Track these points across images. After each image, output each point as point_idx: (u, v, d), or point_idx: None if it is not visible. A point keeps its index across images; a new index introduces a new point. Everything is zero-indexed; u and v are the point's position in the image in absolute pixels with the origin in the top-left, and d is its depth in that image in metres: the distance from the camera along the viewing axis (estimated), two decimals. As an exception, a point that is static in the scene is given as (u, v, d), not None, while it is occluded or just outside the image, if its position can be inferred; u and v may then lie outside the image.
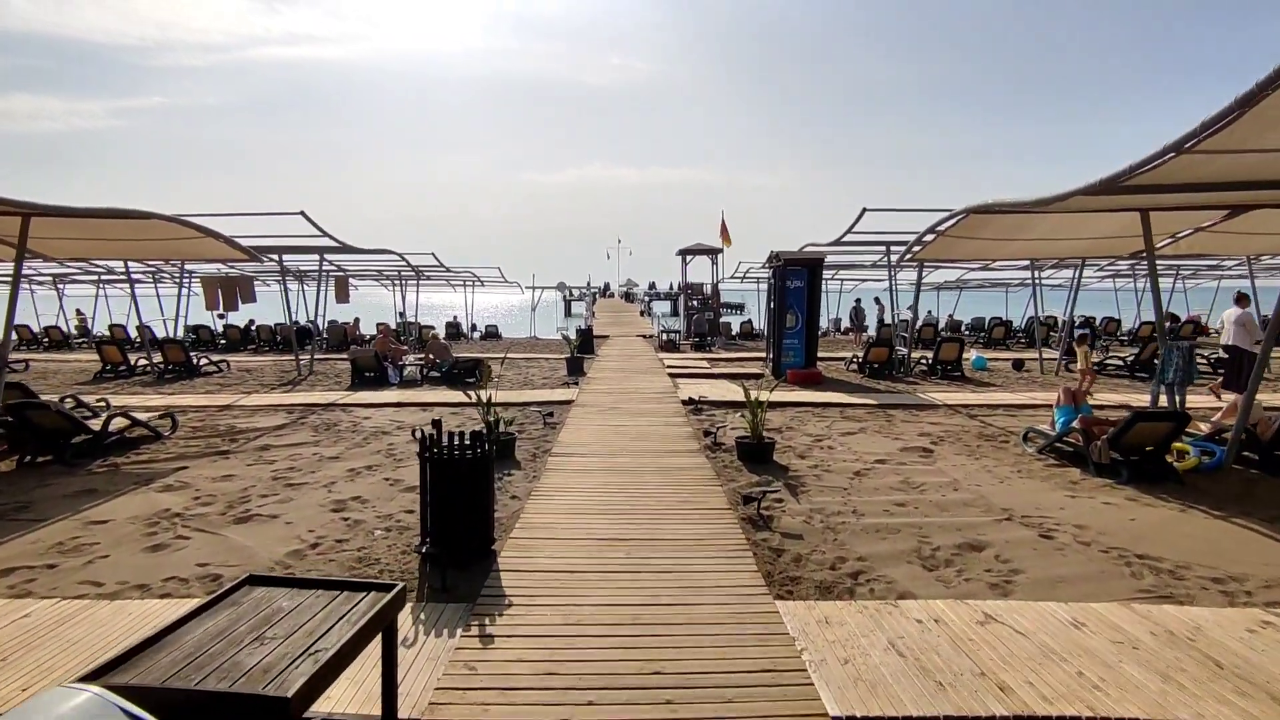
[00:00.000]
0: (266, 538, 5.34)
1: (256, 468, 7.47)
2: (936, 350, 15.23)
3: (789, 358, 14.82)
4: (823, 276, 15.16)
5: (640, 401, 11.33)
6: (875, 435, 9.20)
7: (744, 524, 5.57)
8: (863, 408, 11.19)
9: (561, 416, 10.08)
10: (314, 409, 11.12)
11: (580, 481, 6.64)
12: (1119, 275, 28.44)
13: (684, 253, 28.40)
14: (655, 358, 18.77)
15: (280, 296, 29.04)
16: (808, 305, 14.73)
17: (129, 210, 7.92)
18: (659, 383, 13.60)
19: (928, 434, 9.24)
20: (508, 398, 11.81)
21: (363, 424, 9.90)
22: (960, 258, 11.45)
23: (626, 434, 8.82)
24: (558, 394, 12.13)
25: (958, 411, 10.85)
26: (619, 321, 36.33)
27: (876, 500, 6.35)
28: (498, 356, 19.48)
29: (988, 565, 4.87)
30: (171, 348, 15.70)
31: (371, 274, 27.08)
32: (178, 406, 11.27)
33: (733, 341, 26.56)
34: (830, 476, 7.14)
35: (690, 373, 15.25)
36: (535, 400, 11.49)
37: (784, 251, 14.89)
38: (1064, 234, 9.26)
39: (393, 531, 5.47)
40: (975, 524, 5.69)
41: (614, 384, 13.44)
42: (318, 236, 13.77)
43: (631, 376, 14.61)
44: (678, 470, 7.06)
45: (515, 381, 14.42)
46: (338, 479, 7.01)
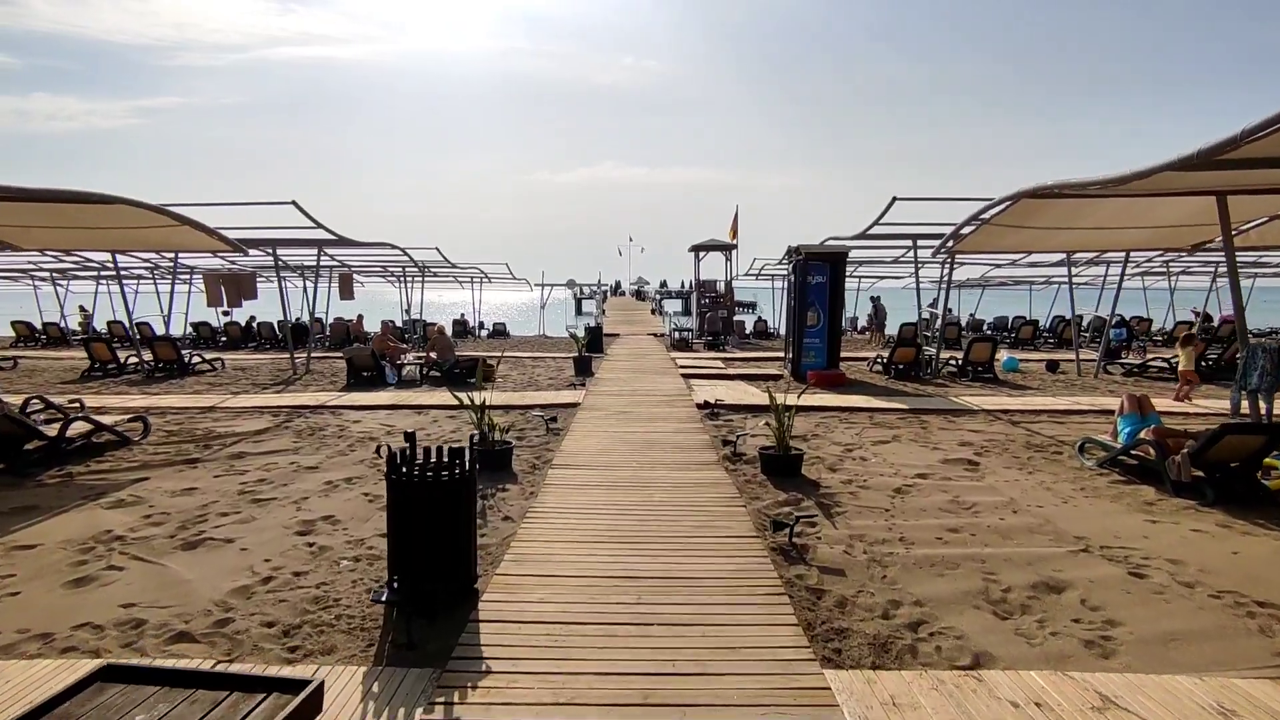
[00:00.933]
0: (214, 569, 4.55)
1: (224, 479, 6.70)
2: (967, 351, 14.29)
3: (810, 358, 13.94)
4: (845, 272, 14.24)
5: (651, 405, 10.49)
6: (911, 445, 8.32)
7: (774, 555, 4.73)
8: (894, 413, 10.30)
9: (566, 421, 9.27)
10: (302, 411, 10.36)
11: (583, 500, 5.81)
12: (1149, 273, 27.28)
13: (697, 249, 27.55)
14: (667, 357, 17.93)
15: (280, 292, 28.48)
16: (830, 302, 13.84)
17: (91, 194, 7.17)
18: (671, 384, 12.76)
19: (969, 443, 8.35)
20: (509, 399, 11.01)
21: (350, 429, 9.13)
22: (1003, 250, 10.55)
23: (636, 442, 7.99)
24: (563, 396, 11.31)
25: (997, 418, 9.95)
26: (630, 320, 35.51)
27: (925, 524, 5.49)
28: (502, 356, 18.72)
29: (1074, 613, 4.00)
30: (162, 345, 15.02)
31: (377, 270, 26.40)
32: (158, 408, 10.55)
33: (747, 340, 25.69)
34: (868, 494, 6.28)
35: (704, 373, 14.40)
36: (539, 403, 10.67)
37: (805, 245, 14.01)
38: (1123, 222, 8.34)
39: (362, 561, 4.67)
40: (1047, 556, 4.82)
41: (624, 385, 12.61)
42: (312, 228, 13.03)
43: (642, 377, 13.77)
44: (694, 486, 6.23)
45: (519, 382, 13.63)
46: (311, 494, 6.22)
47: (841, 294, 13.96)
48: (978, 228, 8.82)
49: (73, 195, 7.09)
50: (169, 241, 10.58)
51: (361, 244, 15.48)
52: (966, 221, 8.66)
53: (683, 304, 64.24)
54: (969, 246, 10.15)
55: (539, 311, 34.23)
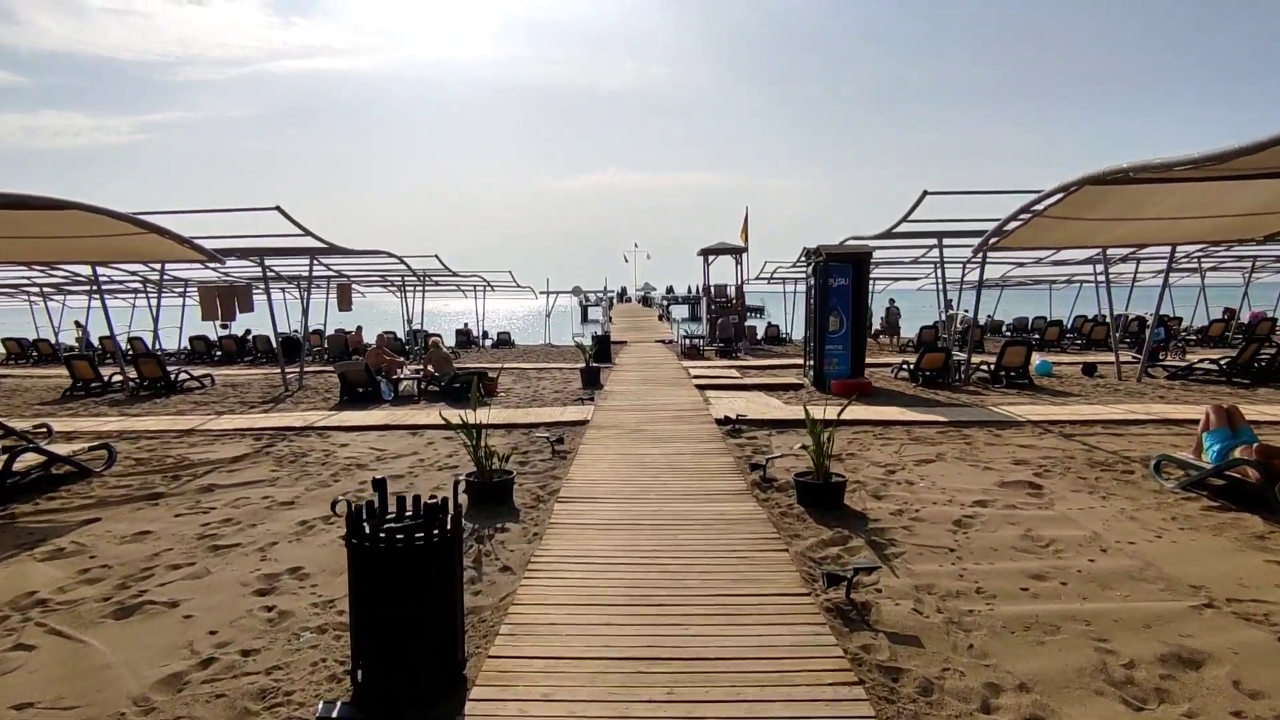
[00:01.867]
0: (145, 646, 3.71)
1: (185, 520, 5.87)
2: (1000, 356, 13.38)
3: (833, 366, 13.07)
4: (869, 273, 13.35)
5: (666, 421, 9.64)
6: (959, 464, 7.44)
7: (831, 618, 3.86)
8: (931, 426, 9.41)
9: (574, 442, 8.42)
10: (286, 434, 9.55)
11: (595, 544, 4.96)
12: (1175, 269, 26.10)
13: (706, 252, 26.73)
14: (678, 366, 17.07)
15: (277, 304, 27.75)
16: (853, 306, 12.98)
17: (37, 198, 6.37)
18: (686, 396, 11.90)
19: (1024, 462, 7.46)
20: (511, 417, 10.17)
21: (337, 454, 8.30)
22: (1050, 245, 9.69)
23: (653, 467, 7.13)
24: (570, 412, 10.46)
25: (1047, 430, 9.04)
26: (637, 326, 34.70)
27: (1001, 570, 4.61)
28: (506, 367, 17.90)
29: (1232, 702, 3.12)
30: (147, 362, 14.25)
31: (376, 280, 25.64)
32: (133, 432, 9.76)
33: (759, 346, 24.81)
34: (925, 529, 5.41)
35: (720, 384, 13.54)
36: (543, 421, 9.82)
37: (825, 245, 13.15)
38: (1192, 211, 7.47)
39: (328, 633, 3.82)
40: (1165, 614, 3.94)
41: (635, 399, 11.76)
42: (300, 236, 12.27)
43: (654, 389, 12.92)
44: (724, 524, 5.36)
45: (524, 397, 12.80)
46: (281, 538, 5.38)
47: (865, 297, 13.11)
48: (1027, 221, 7.96)
49: (24, 201, 6.30)
50: (138, 251, 9.80)
51: (356, 252, 14.73)
52: (1015, 214, 7.80)
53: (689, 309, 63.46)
54: (1014, 242, 9.28)
55: (544, 320, 33.46)
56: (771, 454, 7.47)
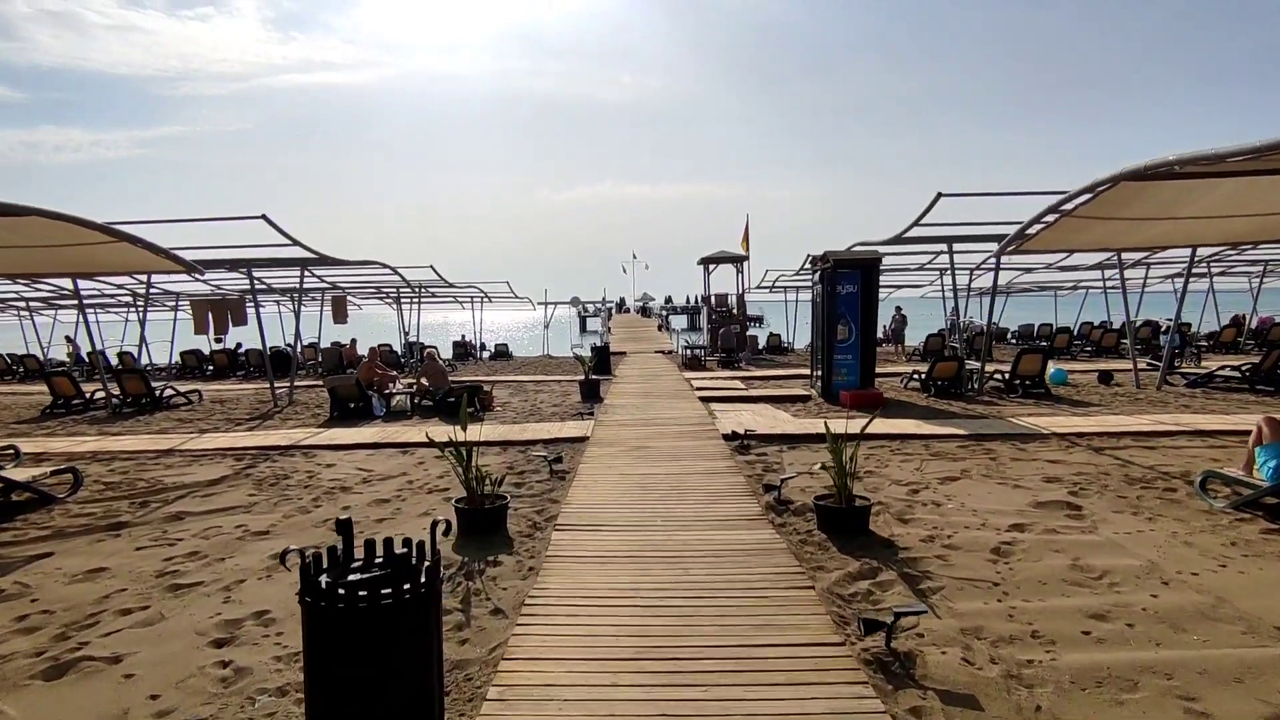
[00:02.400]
0: (71, 714, 3.19)
1: (147, 553, 5.35)
2: (1015, 364, 12.89)
3: (842, 376, 12.57)
4: (879, 280, 12.89)
5: (670, 437, 9.12)
6: (986, 482, 6.93)
7: (871, 672, 3.34)
8: (952, 439, 8.89)
9: (573, 460, 7.91)
10: (270, 454, 9.02)
11: (597, 581, 4.44)
12: (1180, 275, 25.61)
13: (706, 261, 26.28)
14: (680, 377, 16.57)
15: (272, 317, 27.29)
16: (863, 314, 12.50)
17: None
18: (689, 409, 11.39)
19: (1056, 479, 6.95)
20: (507, 434, 9.65)
21: (321, 475, 7.78)
22: (1076, 247, 9.21)
23: (658, 488, 6.62)
24: (569, 428, 9.94)
25: (1074, 444, 8.54)
26: (636, 337, 34.23)
27: (1055, 607, 4.09)
28: (502, 380, 17.39)
29: (1363, 783, 2.61)
30: (130, 378, 13.74)
31: (372, 292, 25.15)
32: (108, 453, 9.23)
33: (760, 356, 24.27)
34: (961, 558, 4.89)
35: (724, 396, 13.04)
36: (541, 438, 9.31)
37: (832, 251, 12.69)
38: (1234, 209, 7.00)
39: (289, 697, 3.30)
40: (1256, 664, 3.42)
41: (636, 413, 11.25)
42: (288, 245, 11.79)
43: (656, 402, 12.41)
44: (741, 554, 4.84)
45: (521, 411, 12.29)
46: (250, 574, 4.86)
47: (875, 304, 12.63)
48: (1054, 222, 7.49)
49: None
50: (113, 262, 9.32)
51: (347, 262, 14.25)
52: (1042, 215, 7.33)
53: (688, 319, 62.95)
54: (1037, 245, 8.80)
55: (543, 331, 32.98)
56: (785, 473, 6.95)
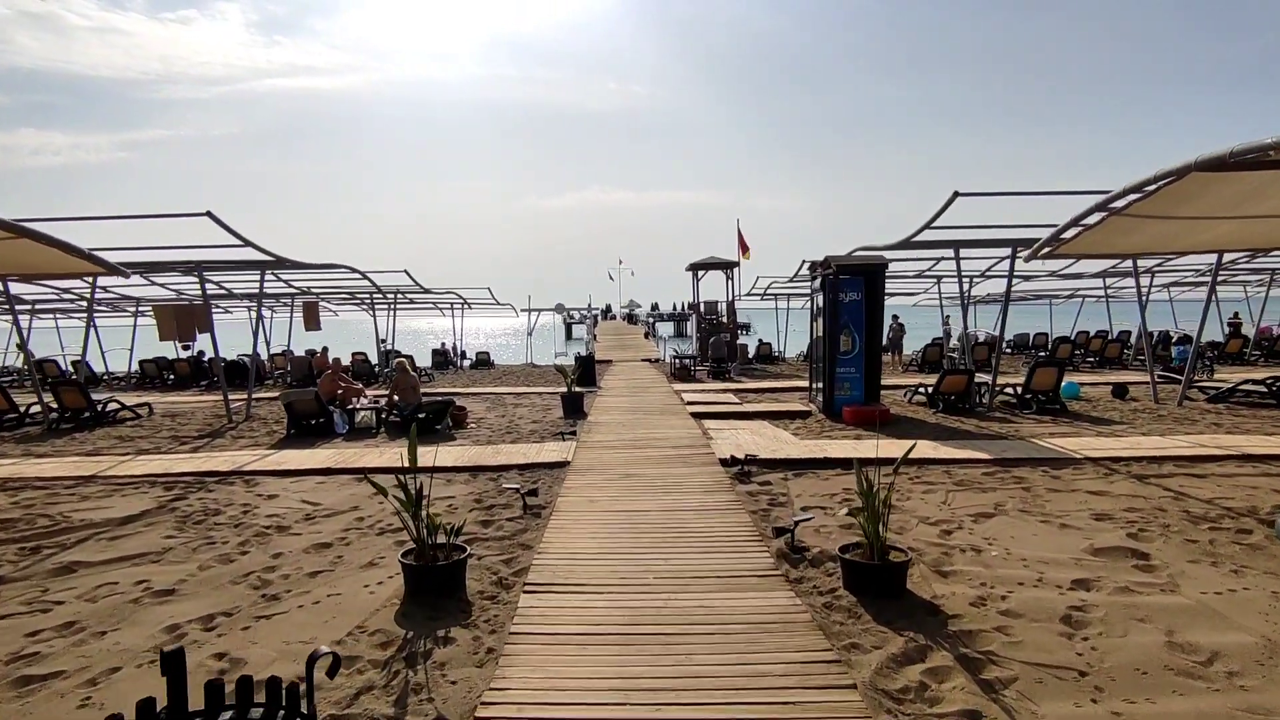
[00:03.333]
0: None
1: (8, 625, 4.28)
2: (1029, 377, 12.05)
3: (844, 391, 11.66)
4: (885, 287, 12.01)
5: (662, 462, 8.14)
6: (1026, 520, 6.01)
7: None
8: (974, 465, 7.98)
9: (550, 493, 6.91)
10: (206, 480, 7.94)
11: (575, 672, 3.44)
12: (1180, 283, 24.98)
13: (695, 267, 25.30)
14: (669, 389, 15.61)
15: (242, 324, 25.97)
16: (867, 324, 11.61)
17: None
18: (681, 428, 10.42)
19: (1106, 515, 6.04)
20: (478, 457, 8.61)
21: (258, 510, 6.72)
22: (1117, 252, 8.39)
23: (648, 529, 5.64)
24: (548, 450, 8.92)
25: (1112, 470, 7.65)
26: (623, 345, 33.31)
27: (1171, 712, 3.15)
28: (479, 393, 16.32)
29: None
30: (68, 391, 12.56)
31: (345, 297, 23.97)
32: (19, 480, 8.09)
33: (751, 366, 23.37)
34: (1026, 630, 3.94)
35: (718, 412, 12.08)
36: (515, 463, 8.29)
37: (834, 256, 11.80)
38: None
39: None
40: None
41: (623, 431, 10.26)
42: (239, 246, 10.72)
43: (644, 419, 11.43)
44: (753, 627, 3.86)
45: (497, 428, 11.26)
46: (131, 657, 3.81)
47: (880, 313, 11.75)
48: (1099, 221, 6.61)
49: None
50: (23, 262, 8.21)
51: (310, 265, 13.17)
52: (1085, 214, 6.45)
53: (675, 327, 62.10)
54: (1074, 249, 7.91)
55: (526, 339, 31.90)
56: (793, 506, 6.01)
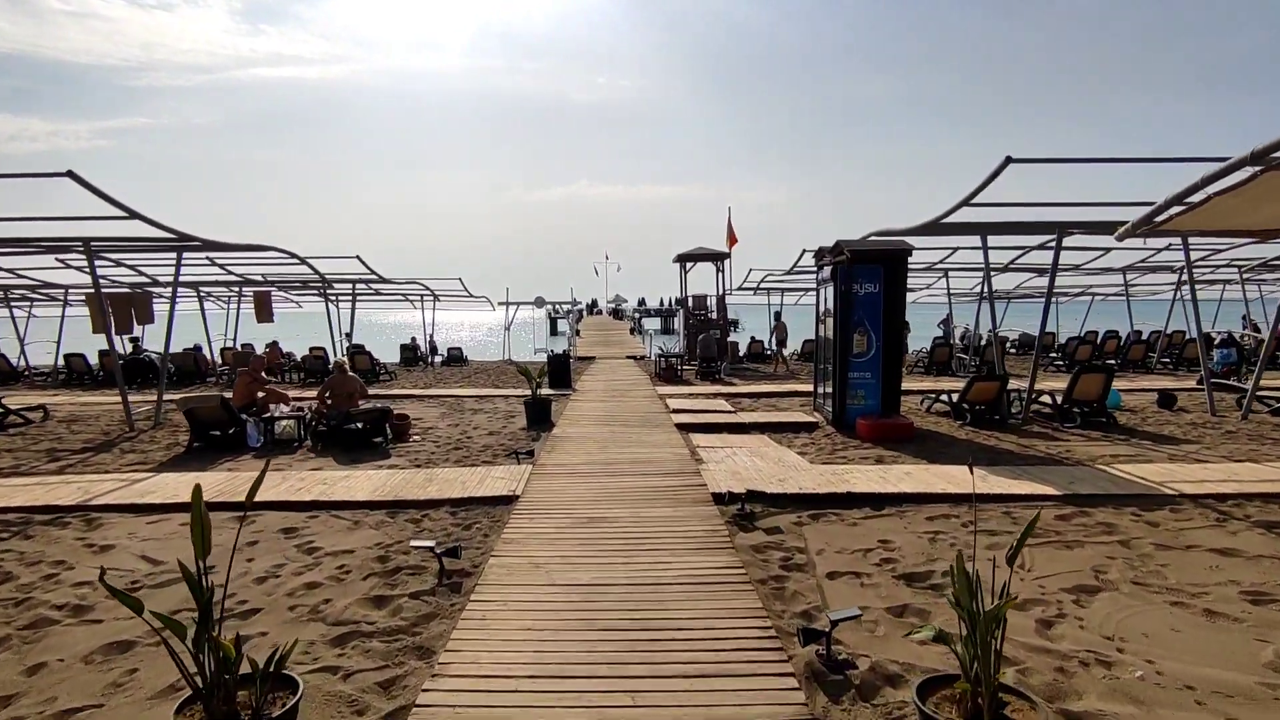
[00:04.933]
0: None
1: None
2: (1072, 385, 10.30)
3: (858, 400, 9.87)
4: (907, 278, 10.20)
5: (637, 498, 6.28)
6: (1146, 597, 4.22)
7: None
8: (1037, 501, 6.18)
9: (483, 549, 5.04)
10: (34, 518, 6.00)
11: None
12: (1198, 281, 23.17)
13: (683, 259, 23.44)
14: (652, 393, 13.76)
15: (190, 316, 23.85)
16: (886, 320, 9.81)
17: None
18: (664, 445, 8.58)
19: (1262, 593, 4.27)
20: (401, 488, 6.67)
21: (72, 571, 4.80)
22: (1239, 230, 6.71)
23: (613, 623, 3.78)
24: (494, 479, 7.02)
25: (1223, 512, 5.89)
26: (607, 341, 31.49)
27: None
28: (437, 395, 14.36)
29: None
30: (-65, 393, 10.52)
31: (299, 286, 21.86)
32: None
33: (741, 365, 21.48)
34: None
35: (708, 422, 10.25)
36: (448, 496, 6.38)
37: (848, 241, 9.99)
38: None
39: None
40: None
41: (594, 450, 8.40)
42: (124, 219, 8.73)
43: (621, 433, 9.57)
44: None
45: (445, 441, 9.36)
46: None
47: (901, 307, 9.95)
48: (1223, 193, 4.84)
49: None
50: None
51: (230, 246, 11.16)
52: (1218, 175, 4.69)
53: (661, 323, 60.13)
54: (1186, 224, 6.13)
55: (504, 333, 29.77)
56: (813, 570, 4.19)
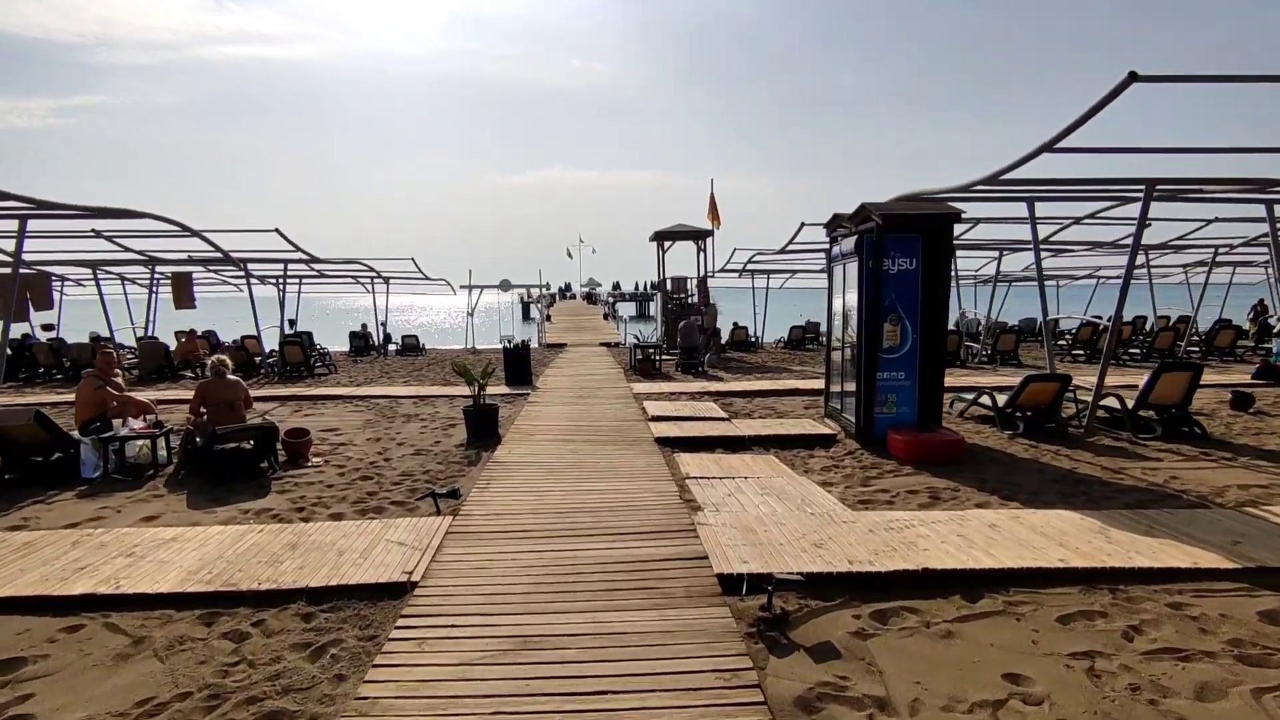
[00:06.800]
0: None
1: None
2: (1149, 387, 8.26)
3: (889, 408, 7.74)
4: (952, 251, 8.02)
5: (603, 584, 4.04)
6: None
7: None
8: (1203, 580, 4.09)
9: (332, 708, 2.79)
10: None
11: None
12: (1198, 264, 21.38)
13: (661, 236, 21.15)
14: (627, 392, 11.54)
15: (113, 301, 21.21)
16: (924, 305, 7.67)
17: None
18: (643, 475, 6.36)
19: None
20: (243, 564, 4.35)
21: None
22: None
23: None
24: (385, 547, 4.74)
25: None
26: (579, 327, 29.20)
27: None
28: (367, 396, 11.90)
29: None
30: None
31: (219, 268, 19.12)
32: None
33: (725, 354, 19.27)
34: None
35: (698, 435, 8.05)
36: (302, 585, 4.09)
37: (874, 204, 7.81)
38: None
39: None
40: None
41: (544, 487, 6.12)
42: None
43: (585, 456, 7.32)
44: None
45: (353, 468, 7.05)
46: None
47: (946, 288, 7.78)
48: None
49: None
50: None
51: (84, 209, 8.62)
52: None
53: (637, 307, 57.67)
54: None
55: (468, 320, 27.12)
56: None
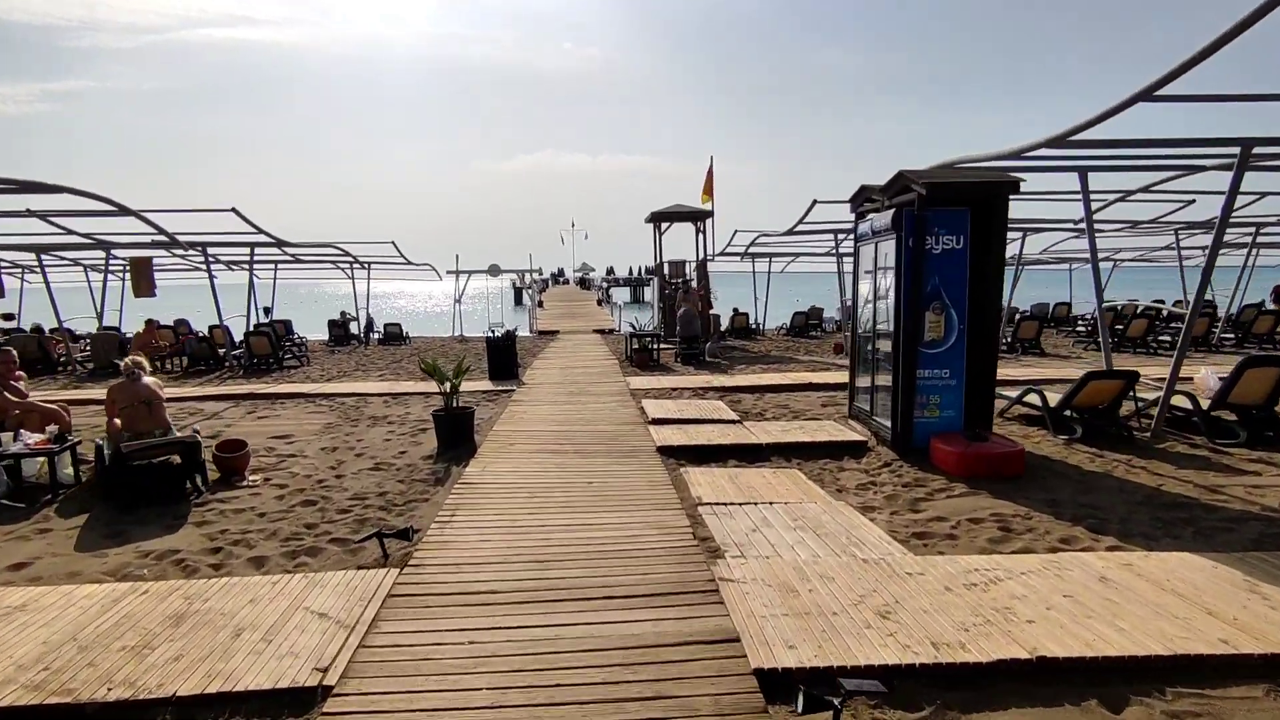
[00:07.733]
0: None
1: None
2: (1229, 384, 7.12)
3: (931, 410, 6.59)
4: (1006, 228, 6.80)
5: (592, 673, 2.88)
6: None
7: None
8: None
9: None
10: None
11: None
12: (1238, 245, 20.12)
13: (657, 218, 19.80)
14: (623, 388, 10.36)
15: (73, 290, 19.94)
16: (973, 290, 6.49)
17: None
18: (645, 502, 5.19)
19: None
20: (96, 644, 3.15)
21: None
22: None
23: None
24: (301, 621, 3.56)
25: None
26: (572, 313, 27.98)
27: None
28: (334, 394, 10.62)
29: None
30: None
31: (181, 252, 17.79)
32: None
33: (726, 344, 17.99)
34: None
35: (707, 444, 6.89)
36: (164, 695, 2.90)
37: (914, 171, 6.61)
38: None
39: None
40: None
41: (522, 521, 4.95)
42: None
43: (574, 472, 6.13)
44: None
45: (296, 487, 5.87)
46: None
47: (999, 270, 6.60)
48: None
49: None
50: None
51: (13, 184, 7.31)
52: None
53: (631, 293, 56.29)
54: None
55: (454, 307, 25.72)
56: None
